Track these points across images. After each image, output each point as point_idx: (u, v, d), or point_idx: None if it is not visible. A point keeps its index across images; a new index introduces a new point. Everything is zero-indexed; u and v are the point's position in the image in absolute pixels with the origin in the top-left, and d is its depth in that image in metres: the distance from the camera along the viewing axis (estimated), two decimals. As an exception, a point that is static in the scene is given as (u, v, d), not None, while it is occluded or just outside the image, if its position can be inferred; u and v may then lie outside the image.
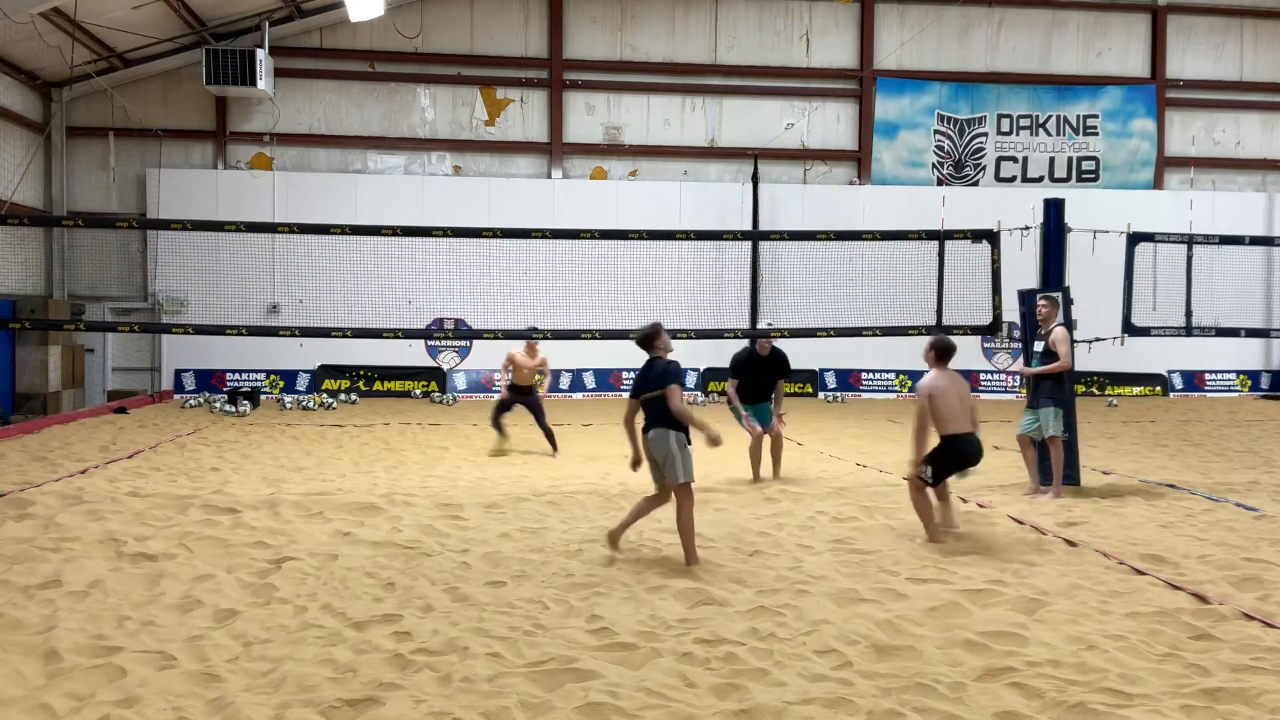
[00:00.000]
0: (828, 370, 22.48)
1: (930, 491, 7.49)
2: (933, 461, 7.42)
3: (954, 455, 7.39)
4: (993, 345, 22.60)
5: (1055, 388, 9.53)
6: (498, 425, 12.71)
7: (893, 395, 22.54)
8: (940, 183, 22.95)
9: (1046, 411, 9.46)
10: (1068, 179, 23.31)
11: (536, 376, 13.02)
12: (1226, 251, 17.43)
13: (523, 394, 12.84)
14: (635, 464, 7.13)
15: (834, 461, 12.02)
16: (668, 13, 22.37)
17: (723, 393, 21.71)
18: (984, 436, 8.03)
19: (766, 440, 10.56)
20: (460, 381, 21.65)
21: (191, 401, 19.38)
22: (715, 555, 7.06)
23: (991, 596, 5.99)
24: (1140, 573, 6.56)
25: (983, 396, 22.60)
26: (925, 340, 7.91)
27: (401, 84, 21.74)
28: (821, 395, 22.24)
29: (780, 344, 11.02)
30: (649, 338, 7.13)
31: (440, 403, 20.40)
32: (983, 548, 7.25)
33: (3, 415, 16.60)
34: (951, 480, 7.68)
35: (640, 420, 6.93)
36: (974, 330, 10.92)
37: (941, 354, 7.53)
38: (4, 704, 4.29)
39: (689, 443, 6.78)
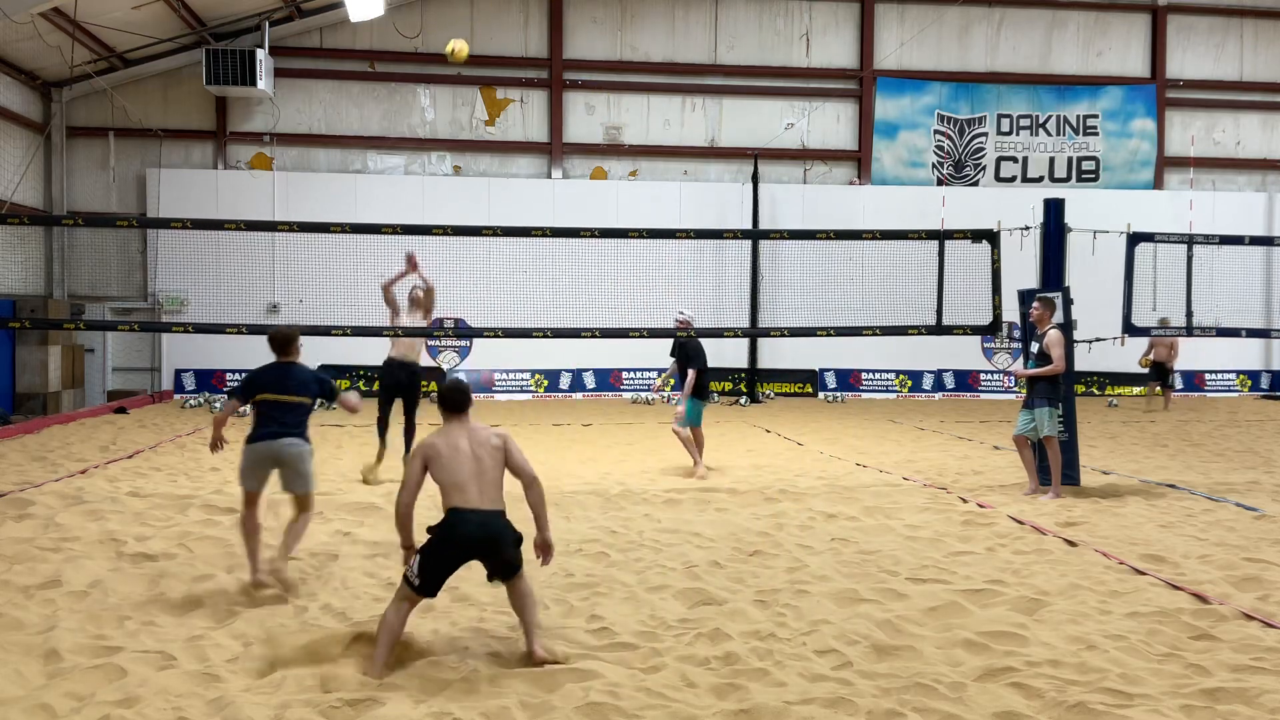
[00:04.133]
0: (828, 370, 22.48)
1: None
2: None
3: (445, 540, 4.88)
4: (993, 345, 22.61)
5: (1050, 388, 9.54)
6: (384, 427, 10.61)
7: (893, 395, 22.53)
8: (940, 183, 22.95)
9: (1042, 412, 9.47)
10: (1068, 179, 23.31)
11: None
12: (1226, 251, 17.41)
13: (404, 369, 10.53)
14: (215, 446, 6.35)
15: (834, 461, 12.01)
16: (668, 13, 22.36)
17: (722, 392, 21.76)
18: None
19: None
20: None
21: (191, 401, 19.38)
22: (715, 555, 7.05)
23: (991, 596, 5.99)
24: (1140, 573, 6.56)
25: (982, 396, 22.62)
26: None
27: (401, 84, 21.73)
28: (821, 395, 22.24)
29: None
30: (289, 340, 6.21)
31: (440, 403, 20.37)
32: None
33: (3, 415, 16.60)
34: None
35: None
36: (974, 330, 10.92)
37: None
38: (4, 704, 4.29)
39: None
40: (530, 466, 5.07)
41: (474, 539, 4.80)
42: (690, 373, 10.84)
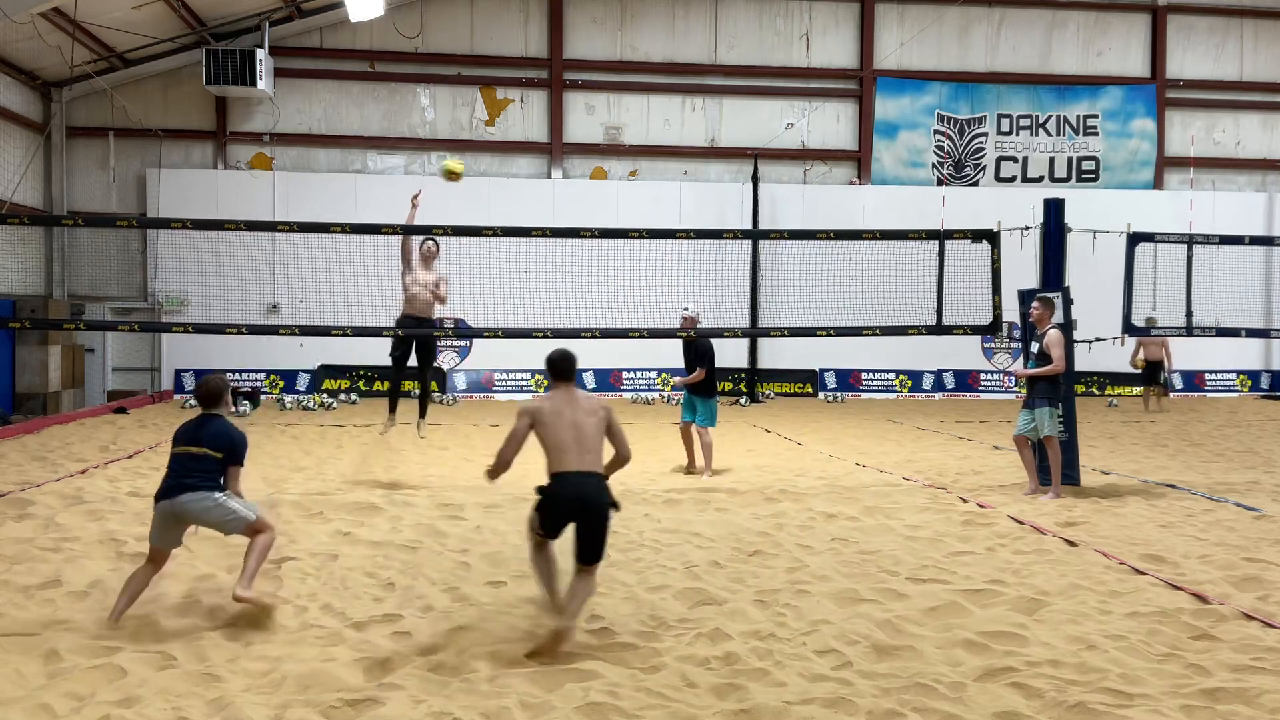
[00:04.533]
0: (828, 370, 22.48)
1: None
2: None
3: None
4: (993, 345, 22.61)
5: (1050, 388, 9.54)
6: (395, 395, 10.53)
7: (893, 395, 22.53)
8: (940, 183, 22.95)
9: (1042, 412, 9.47)
10: (1068, 179, 23.31)
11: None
12: (1226, 251, 17.41)
13: (420, 326, 10.47)
14: None
15: (834, 461, 12.01)
16: (668, 13, 22.36)
17: (723, 392, 21.74)
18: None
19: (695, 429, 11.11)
20: (460, 381, 21.65)
21: (191, 402, 19.37)
22: (715, 555, 7.05)
23: (991, 596, 5.99)
24: (1140, 573, 6.56)
25: (982, 396, 22.62)
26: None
27: (401, 84, 21.73)
28: (821, 395, 22.24)
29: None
30: (215, 394, 5.85)
31: (440, 403, 20.39)
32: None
33: (3, 415, 16.60)
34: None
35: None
36: (974, 330, 10.91)
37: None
38: (4, 704, 4.29)
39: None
40: (627, 443, 5.48)
41: (572, 499, 5.09)
42: (697, 372, 10.93)
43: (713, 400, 11.05)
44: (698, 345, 10.96)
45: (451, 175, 10.27)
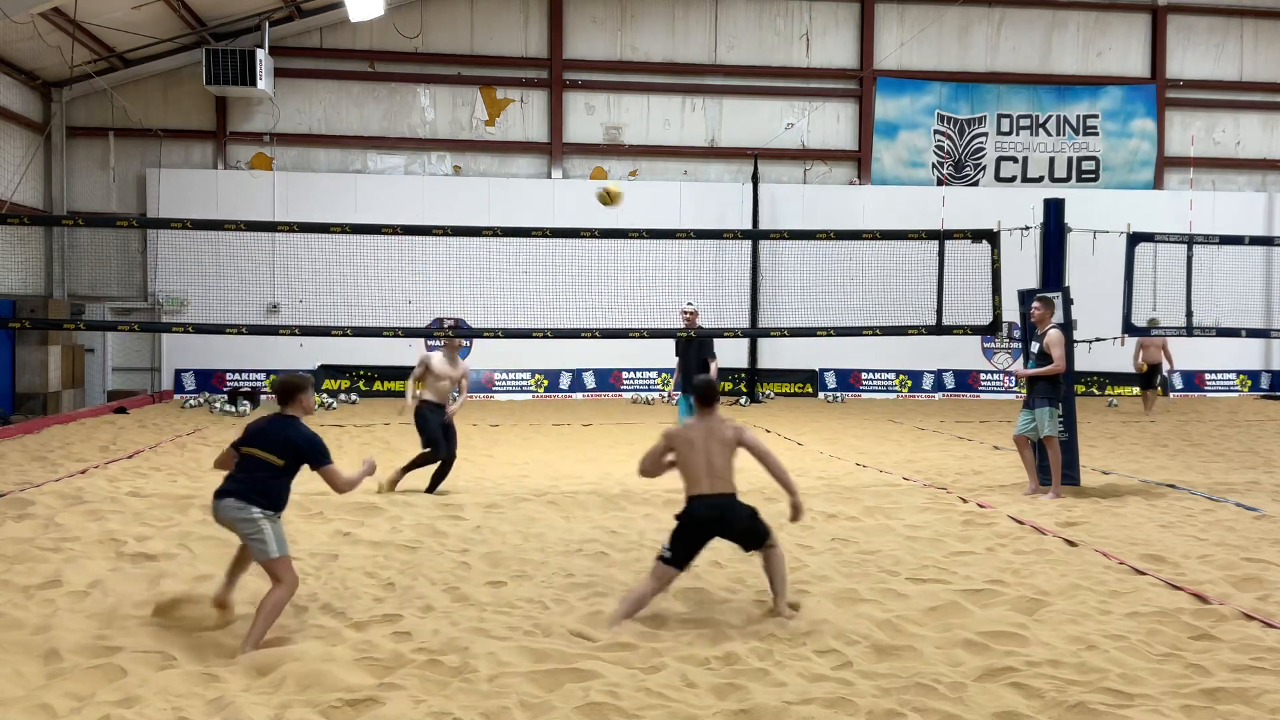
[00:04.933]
0: (828, 370, 22.48)
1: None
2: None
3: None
4: (993, 345, 22.61)
5: (1050, 388, 9.54)
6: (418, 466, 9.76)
7: (893, 395, 22.53)
8: (940, 183, 22.95)
9: (1042, 412, 9.47)
10: (1068, 179, 23.31)
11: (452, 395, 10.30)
12: (1226, 251, 17.42)
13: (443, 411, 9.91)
14: None
15: (834, 461, 12.01)
16: (668, 13, 22.37)
17: (723, 392, 21.79)
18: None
19: None
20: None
21: (191, 401, 19.38)
22: (715, 555, 7.05)
23: (991, 596, 5.99)
24: (1140, 573, 6.56)
25: (982, 396, 22.63)
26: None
27: (401, 84, 21.73)
28: (821, 395, 22.24)
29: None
30: (292, 391, 5.42)
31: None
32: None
33: (3, 415, 16.60)
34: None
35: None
36: (974, 330, 10.91)
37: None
38: (4, 704, 4.29)
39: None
40: (763, 445, 5.88)
41: (707, 519, 5.56)
42: (712, 366, 11.09)
43: None
44: (705, 342, 11.01)
45: (609, 199, 9.49)
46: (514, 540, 7.53)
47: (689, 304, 11.19)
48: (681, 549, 5.52)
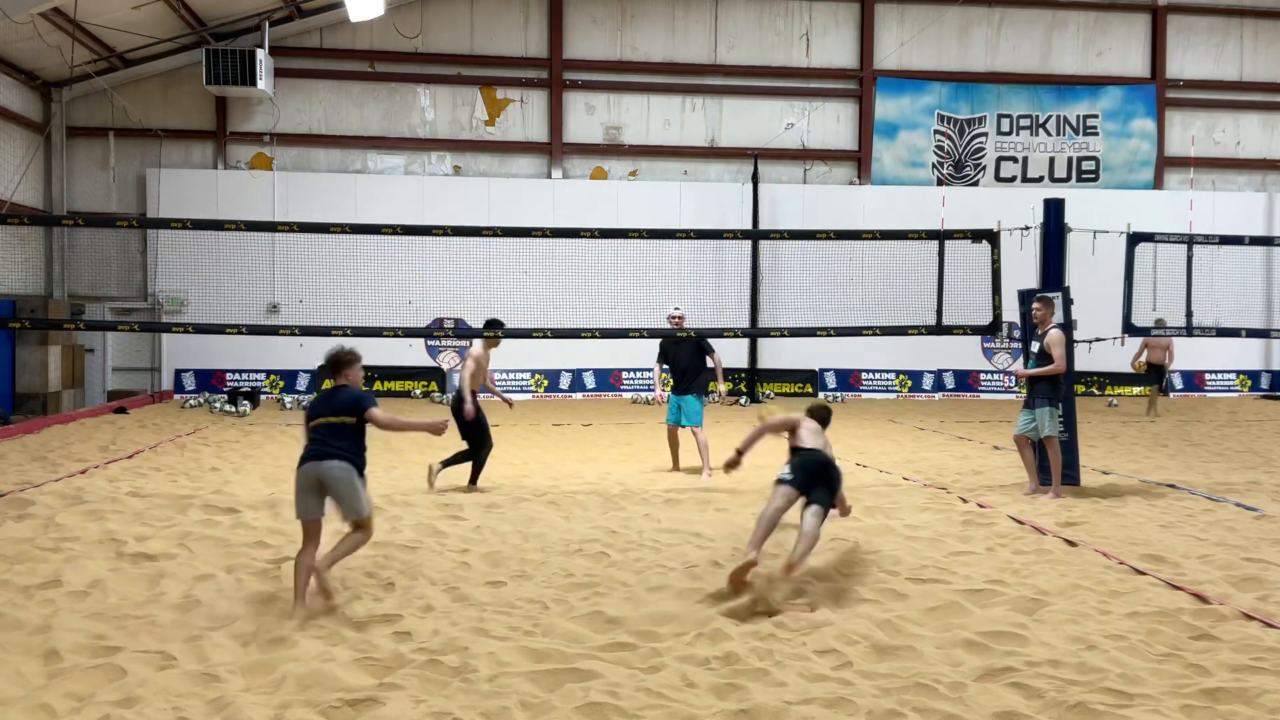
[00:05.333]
0: (828, 370, 22.48)
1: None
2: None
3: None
4: (993, 345, 22.61)
5: (1051, 388, 9.54)
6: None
7: (893, 395, 22.53)
8: (940, 183, 22.95)
9: (1042, 412, 9.47)
10: (1068, 179, 23.31)
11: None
12: (1226, 251, 17.40)
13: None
14: None
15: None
16: (668, 13, 22.37)
17: (730, 392, 21.80)
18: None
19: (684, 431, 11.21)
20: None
21: (191, 401, 19.38)
22: (715, 555, 7.05)
23: (991, 596, 5.99)
24: (1140, 573, 6.56)
25: (982, 396, 22.63)
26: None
27: (401, 84, 21.74)
28: (821, 395, 22.23)
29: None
30: (338, 364, 6.17)
31: (440, 403, 20.40)
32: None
33: (3, 415, 16.60)
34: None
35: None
36: (974, 330, 10.91)
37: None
38: (4, 704, 4.29)
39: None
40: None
41: (813, 460, 6.44)
42: (716, 362, 11.09)
43: (701, 399, 11.14)
44: (701, 343, 11.00)
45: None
46: (514, 540, 7.53)
47: (675, 308, 11.19)
48: (799, 475, 6.34)
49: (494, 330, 10.07)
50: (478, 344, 10.23)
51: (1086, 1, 23.23)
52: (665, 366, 11.28)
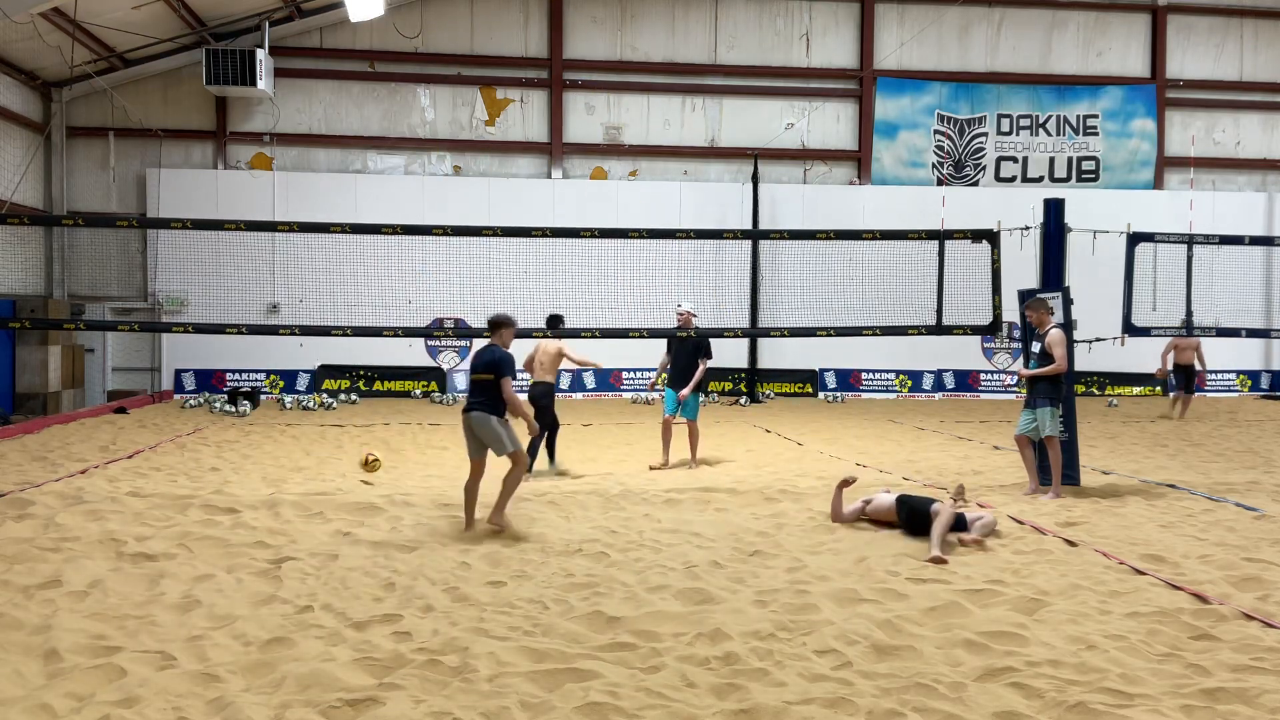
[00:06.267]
0: (828, 370, 22.48)
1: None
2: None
3: None
4: (993, 345, 22.61)
5: (1052, 388, 9.54)
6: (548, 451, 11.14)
7: (893, 395, 22.53)
8: (940, 183, 22.96)
9: (1043, 412, 9.47)
10: (1068, 179, 23.31)
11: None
12: (1226, 251, 17.43)
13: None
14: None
15: (834, 462, 12.02)
16: (668, 13, 22.37)
17: (723, 392, 21.83)
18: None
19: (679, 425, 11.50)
20: (460, 381, 21.64)
21: (191, 401, 19.38)
22: (715, 555, 7.06)
23: (991, 596, 5.99)
24: (1140, 573, 6.56)
25: (982, 396, 22.63)
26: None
27: (401, 84, 21.74)
28: (821, 395, 22.24)
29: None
30: (493, 325, 7.95)
31: (440, 403, 20.40)
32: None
33: (3, 415, 16.60)
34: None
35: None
36: (974, 330, 10.91)
37: None
38: (4, 704, 4.29)
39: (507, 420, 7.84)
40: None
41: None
42: (701, 365, 11.25)
43: (697, 395, 11.43)
44: (701, 344, 11.19)
45: (368, 468, 10.39)
46: (514, 540, 7.53)
47: (680, 305, 11.41)
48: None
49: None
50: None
51: (1086, 1, 23.23)
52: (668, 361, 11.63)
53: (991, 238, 10.38)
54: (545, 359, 10.94)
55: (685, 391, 11.26)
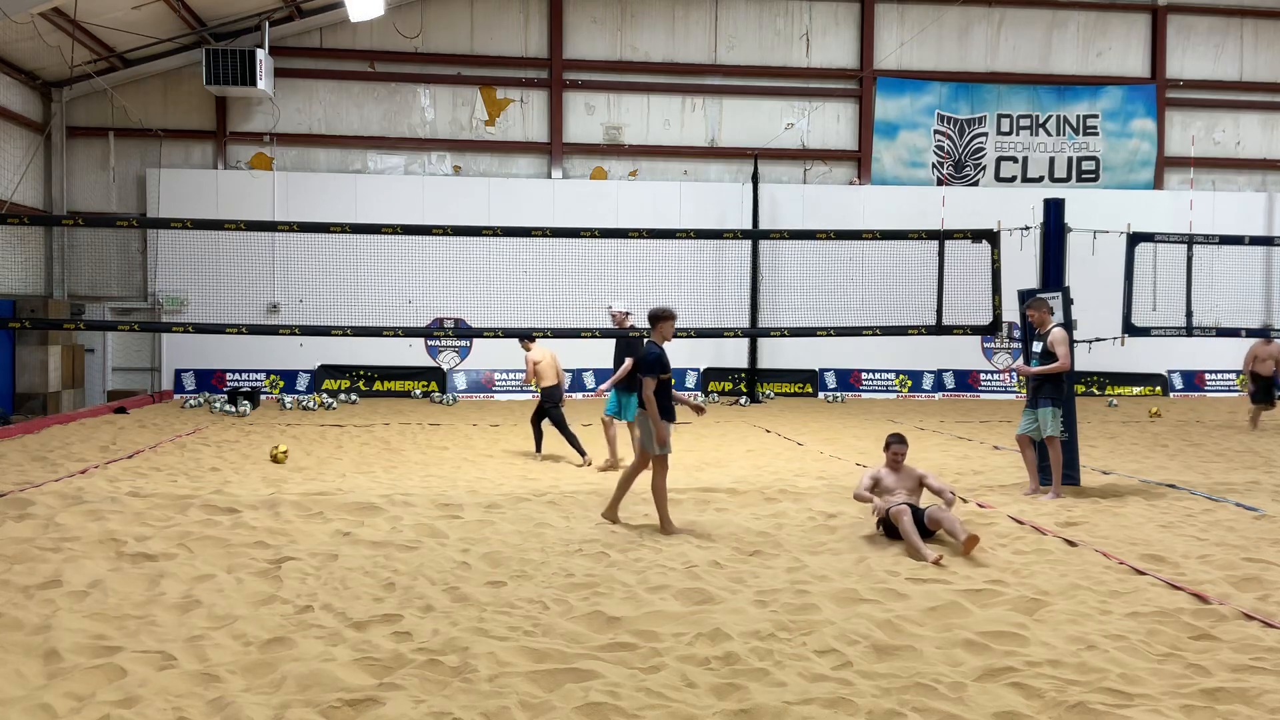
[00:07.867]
0: (828, 370, 22.48)
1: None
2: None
3: None
4: (993, 345, 22.61)
5: (1054, 388, 9.53)
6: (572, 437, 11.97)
7: (893, 395, 22.53)
8: (940, 183, 22.96)
9: (1045, 412, 9.46)
10: (1068, 179, 23.32)
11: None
12: (1226, 251, 17.42)
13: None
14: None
15: (834, 461, 12.02)
16: (668, 13, 22.37)
17: (722, 392, 21.80)
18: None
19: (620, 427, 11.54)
20: (460, 381, 21.65)
21: (191, 401, 19.38)
22: (715, 555, 7.06)
23: (991, 596, 5.99)
24: (1140, 573, 6.56)
25: (982, 396, 22.63)
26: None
27: (401, 84, 21.74)
28: (821, 395, 22.25)
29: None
30: (651, 319, 8.08)
31: (440, 403, 20.40)
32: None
33: (3, 415, 16.60)
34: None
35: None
36: (974, 330, 10.91)
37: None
38: (4, 704, 4.29)
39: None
40: (942, 484, 7.81)
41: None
42: (627, 363, 10.85)
43: (633, 394, 10.95)
44: (631, 341, 10.96)
45: (278, 457, 11.41)
46: (514, 540, 7.53)
47: (615, 305, 11.25)
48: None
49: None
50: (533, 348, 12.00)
51: (1086, 1, 23.23)
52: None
53: (991, 238, 10.38)
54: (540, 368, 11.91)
55: (604, 388, 11.29)
